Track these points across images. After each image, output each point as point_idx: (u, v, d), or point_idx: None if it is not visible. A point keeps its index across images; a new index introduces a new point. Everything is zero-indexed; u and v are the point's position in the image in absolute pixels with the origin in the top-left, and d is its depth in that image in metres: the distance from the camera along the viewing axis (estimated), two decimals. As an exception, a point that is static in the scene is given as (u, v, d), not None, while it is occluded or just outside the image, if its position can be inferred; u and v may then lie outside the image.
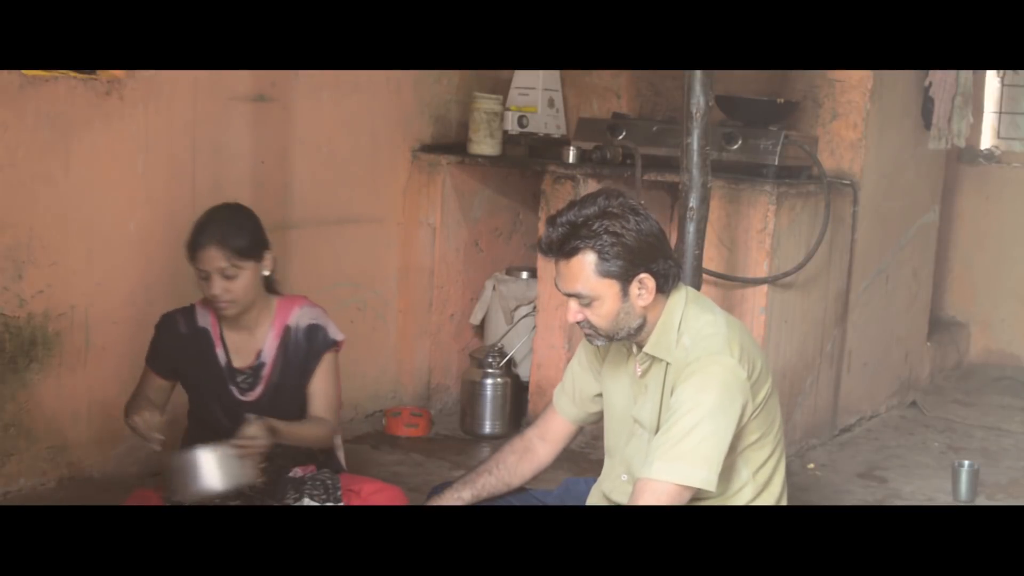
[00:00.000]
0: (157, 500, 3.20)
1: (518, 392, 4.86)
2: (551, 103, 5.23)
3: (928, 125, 5.29)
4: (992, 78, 6.50)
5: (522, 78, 5.19)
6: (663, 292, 2.64)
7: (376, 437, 4.73)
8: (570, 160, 4.71)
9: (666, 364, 2.64)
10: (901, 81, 5.06)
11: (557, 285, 2.66)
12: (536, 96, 5.17)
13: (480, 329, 5.16)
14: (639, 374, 2.71)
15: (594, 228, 2.56)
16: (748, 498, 2.69)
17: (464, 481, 2.90)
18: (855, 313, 5.02)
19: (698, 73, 3.61)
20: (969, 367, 6.41)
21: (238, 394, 3.15)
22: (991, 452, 4.95)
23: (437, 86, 5.05)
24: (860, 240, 4.94)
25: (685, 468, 2.50)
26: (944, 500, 4.31)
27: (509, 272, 5.12)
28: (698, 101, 3.63)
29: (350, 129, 4.70)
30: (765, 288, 4.39)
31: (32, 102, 3.60)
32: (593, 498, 2.87)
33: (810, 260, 4.49)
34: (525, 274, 5.05)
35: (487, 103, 4.93)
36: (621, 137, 4.72)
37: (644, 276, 2.60)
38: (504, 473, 2.90)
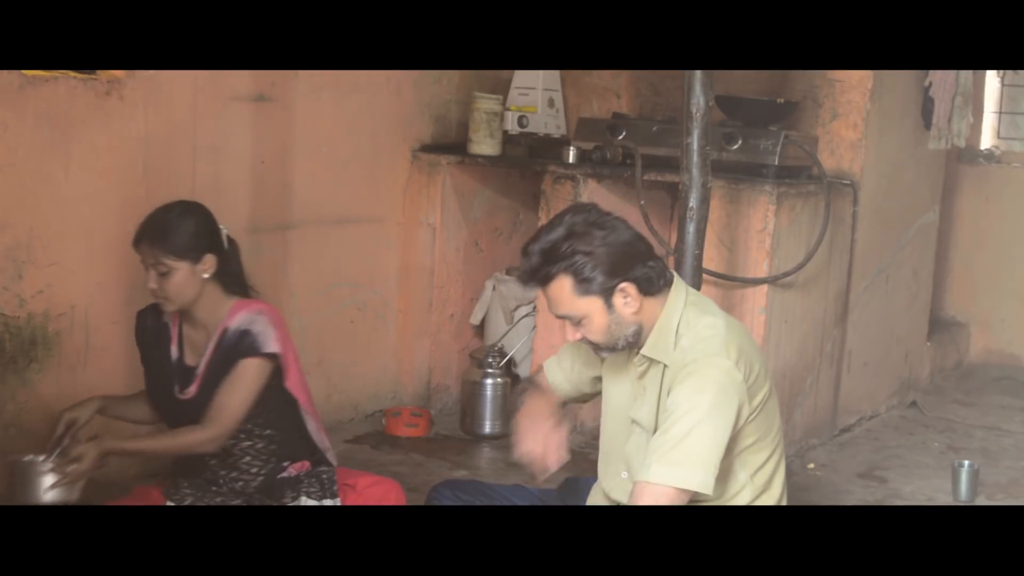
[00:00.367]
0: (157, 500, 3.21)
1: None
2: (551, 103, 5.22)
3: (928, 125, 5.29)
4: (992, 78, 6.50)
5: (522, 78, 5.19)
6: (650, 295, 2.64)
7: (376, 437, 4.73)
8: (570, 160, 4.71)
9: (663, 366, 2.65)
10: (901, 81, 5.06)
11: (548, 309, 2.68)
12: (536, 96, 5.17)
13: (480, 329, 5.16)
14: (637, 376, 2.72)
15: (563, 251, 2.57)
16: (746, 501, 2.69)
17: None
18: (855, 313, 5.02)
19: (698, 73, 3.61)
20: (969, 367, 6.41)
21: (178, 391, 3.16)
22: (991, 452, 4.95)
23: (437, 86, 5.05)
24: (860, 240, 4.94)
25: (682, 471, 2.50)
26: (944, 500, 4.31)
27: (509, 272, 5.12)
28: (698, 101, 3.63)
29: (350, 129, 4.70)
30: (765, 288, 4.39)
31: (32, 102, 3.60)
32: (594, 497, 2.87)
33: (810, 260, 4.49)
34: (525, 274, 5.05)
35: (487, 103, 4.93)
36: (621, 137, 4.72)
37: (624, 285, 2.60)
38: None
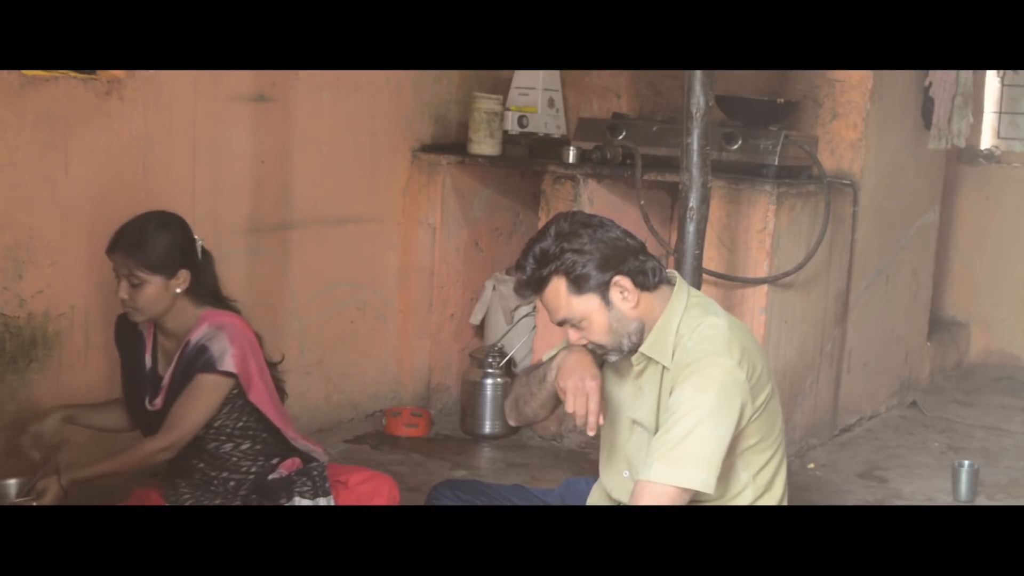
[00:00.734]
0: (157, 500, 3.21)
1: (518, 392, 4.86)
2: (551, 103, 5.22)
3: (928, 125, 5.29)
4: (992, 78, 6.49)
5: (522, 78, 5.19)
6: (647, 289, 2.63)
7: (376, 437, 4.73)
8: (570, 160, 4.71)
9: (662, 366, 2.64)
10: (901, 81, 5.06)
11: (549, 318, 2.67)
12: (536, 96, 5.16)
13: (480, 329, 5.16)
14: (635, 375, 2.71)
15: (553, 252, 2.58)
16: (748, 501, 2.68)
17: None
18: (855, 313, 5.02)
19: (698, 73, 3.61)
20: (969, 367, 6.41)
21: (147, 402, 3.14)
22: (991, 452, 4.95)
23: (437, 86, 5.05)
24: (860, 240, 4.94)
25: (684, 471, 2.49)
26: (944, 500, 4.30)
27: (509, 272, 5.11)
28: (698, 101, 3.63)
29: (350, 129, 4.70)
30: (765, 288, 4.39)
31: (32, 102, 3.60)
32: (594, 496, 2.86)
33: (810, 260, 4.49)
34: (525, 274, 5.05)
35: (487, 103, 4.93)
36: (621, 137, 4.71)
37: (618, 279, 2.59)
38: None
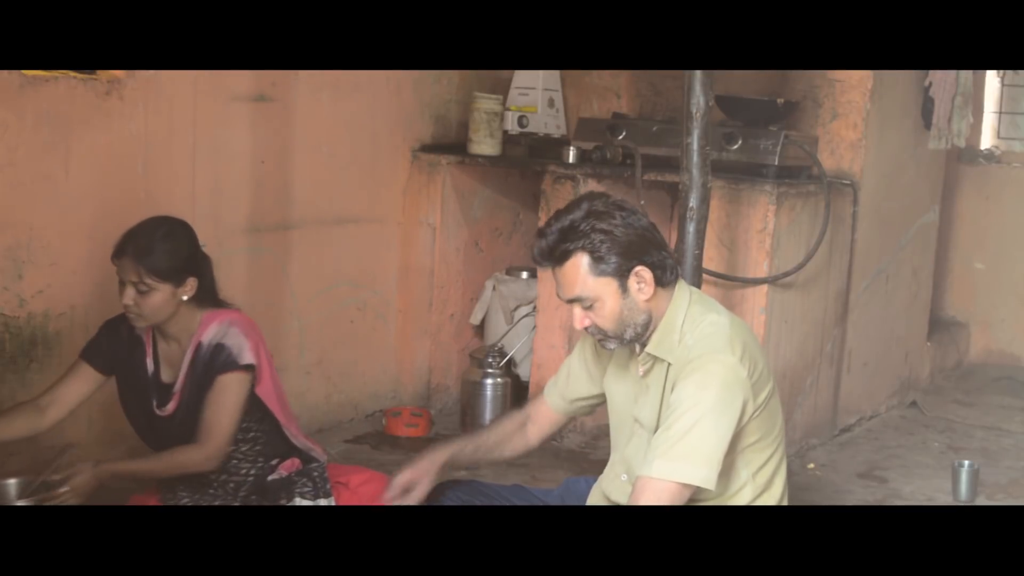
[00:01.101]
0: (156, 500, 3.21)
1: (518, 392, 4.86)
2: (551, 103, 5.22)
3: (928, 125, 5.29)
4: (992, 78, 6.50)
5: (522, 78, 5.19)
6: (662, 285, 2.62)
7: (376, 437, 4.73)
8: (570, 160, 4.71)
9: (667, 364, 2.64)
10: (901, 81, 5.06)
11: (558, 294, 2.65)
12: (536, 96, 5.16)
13: (480, 329, 5.16)
14: (641, 374, 2.71)
15: (582, 229, 2.55)
16: (747, 499, 2.69)
17: (470, 437, 3.04)
18: (855, 313, 5.02)
19: (698, 73, 3.61)
20: (969, 367, 6.41)
21: (157, 407, 3.09)
22: (991, 452, 4.94)
23: (437, 86, 5.05)
24: (860, 240, 4.94)
25: (685, 467, 2.49)
26: (944, 500, 4.30)
27: (509, 272, 5.12)
28: (698, 101, 3.63)
29: (350, 129, 4.70)
30: (765, 288, 4.39)
31: (32, 102, 3.60)
32: (593, 497, 2.86)
33: (810, 260, 4.49)
34: (525, 274, 5.05)
35: (487, 103, 4.93)
36: (621, 137, 4.71)
37: (640, 269, 2.58)
38: (500, 438, 2.99)
